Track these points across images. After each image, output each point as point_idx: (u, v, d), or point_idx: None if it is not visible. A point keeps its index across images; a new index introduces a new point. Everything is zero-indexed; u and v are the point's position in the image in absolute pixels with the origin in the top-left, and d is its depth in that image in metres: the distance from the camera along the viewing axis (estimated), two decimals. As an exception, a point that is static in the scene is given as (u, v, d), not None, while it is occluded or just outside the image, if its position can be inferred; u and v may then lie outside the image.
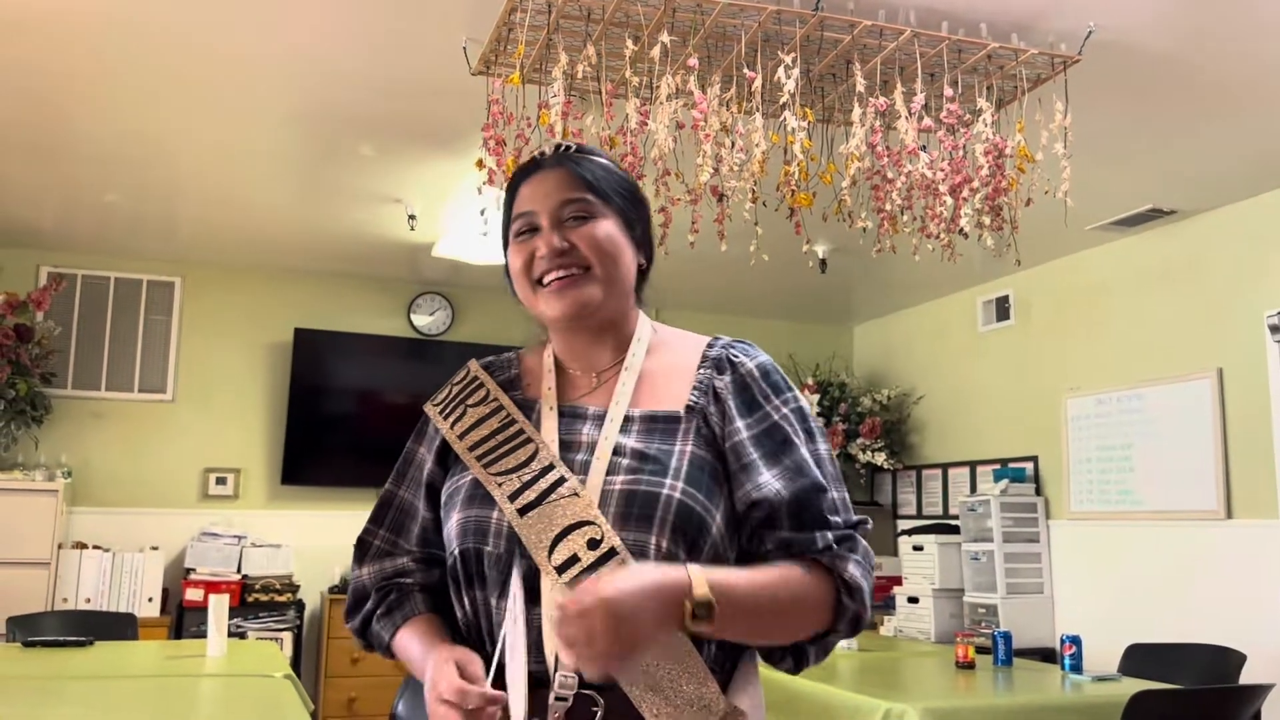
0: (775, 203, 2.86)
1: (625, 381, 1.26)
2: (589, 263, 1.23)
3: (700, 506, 1.15)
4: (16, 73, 3.14)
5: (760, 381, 1.25)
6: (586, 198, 1.25)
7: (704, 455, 1.19)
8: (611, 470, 1.17)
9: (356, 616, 1.31)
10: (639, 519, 1.13)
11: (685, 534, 1.13)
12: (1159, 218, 4.37)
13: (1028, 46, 2.76)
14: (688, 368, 1.27)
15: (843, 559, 1.17)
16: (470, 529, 1.18)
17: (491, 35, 2.66)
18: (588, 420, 1.24)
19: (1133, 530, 4.52)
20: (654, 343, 1.31)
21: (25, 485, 4.58)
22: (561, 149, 1.29)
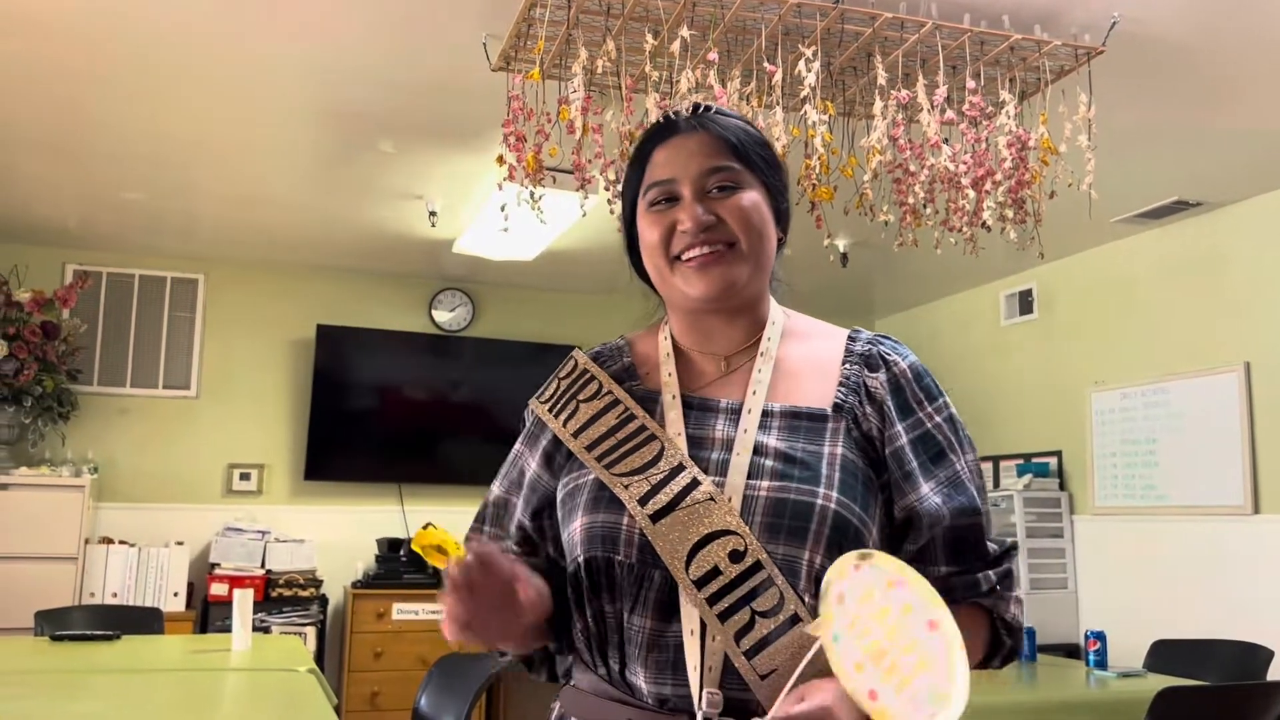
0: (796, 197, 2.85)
1: (762, 370, 1.13)
2: (735, 238, 1.10)
3: (856, 519, 1.04)
4: (41, 73, 3.17)
5: (914, 384, 1.14)
6: (733, 165, 1.12)
7: (855, 460, 1.08)
8: (754, 473, 1.05)
9: None
10: (790, 531, 1.01)
11: (841, 550, 1.00)
12: (1184, 210, 4.32)
13: (1051, 38, 2.74)
14: (830, 361, 1.15)
15: (1004, 601, 1.09)
16: (599, 535, 1.07)
17: (511, 31, 2.66)
18: (719, 414, 1.11)
19: (1158, 525, 4.48)
20: (788, 329, 1.19)
21: (53, 481, 4.63)
22: (700, 109, 1.17)
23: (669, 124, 1.16)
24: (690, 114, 1.16)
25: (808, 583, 1.00)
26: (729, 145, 1.13)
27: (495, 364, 5.58)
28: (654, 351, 1.20)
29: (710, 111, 1.16)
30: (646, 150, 1.17)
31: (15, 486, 4.53)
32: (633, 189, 1.18)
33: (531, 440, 1.21)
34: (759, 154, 1.15)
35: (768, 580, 1.00)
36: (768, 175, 1.15)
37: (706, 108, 1.17)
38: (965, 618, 1.02)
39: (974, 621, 1.08)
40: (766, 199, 1.14)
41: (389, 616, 4.98)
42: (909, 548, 1.07)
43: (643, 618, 1.04)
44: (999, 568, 1.09)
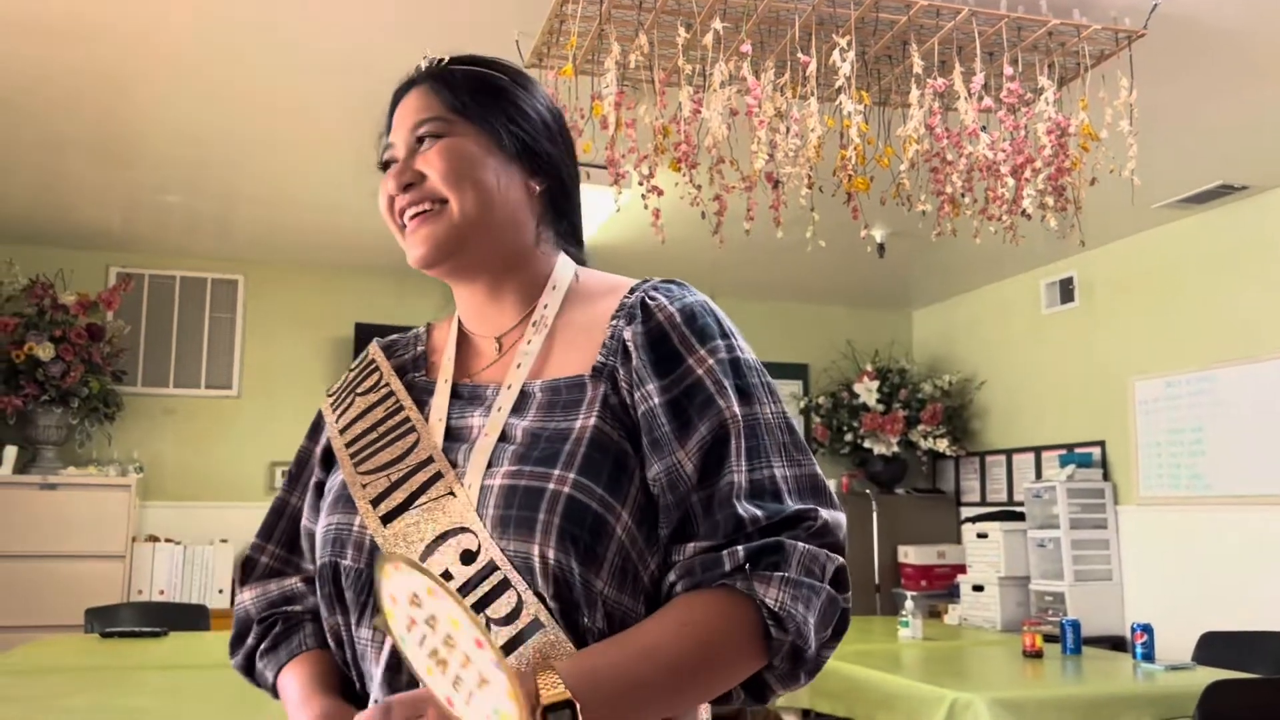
0: (832, 188, 2.83)
1: (531, 341, 0.99)
2: (441, 194, 0.98)
3: (597, 502, 0.87)
4: (84, 80, 3.22)
5: (682, 327, 0.95)
6: (443, 116, 1.00)
7: (608, 433, 0.91)
8: (494, 461, 0.91)
9: (239, 652, 1.05)
10: (519, 523, 0.86)
11: (577, 540, 0.86)
12: (1229, 194, 4.24)
13: (1090, 22, 2.70)
14: (601, 320, 0.99)
15: (763, 580, 0.85)
16: (330, 539, 0.96)
17: (544, 28, 2.66)
18: (485, 400, 0.99)
19: (1205, 515, 4.41)
20: (575, 292, 1.03)
21: (100, 481, 4.71)
22: (435, 62, 1.04)
23: (408, 81, 1.05)
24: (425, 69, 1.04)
25: (545, 581, 0.85)
26: (445, 95, 1.01)
27: (532, 360, 5.58)
28: (444, 337, 1.09)
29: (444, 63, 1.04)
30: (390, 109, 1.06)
31: (64, 486, 4.62)
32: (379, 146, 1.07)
33: (315, 435, 1.09)
34: (482, 98, 1.01)
35: (503, 583, 0.85)
36: (499, 117, 1.00)
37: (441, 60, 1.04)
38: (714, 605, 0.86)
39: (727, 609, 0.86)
40: (492, 143, 0.99)
41: (430, 612, 5.01)
42: (662, 530, 0.90)
43: (370, 629, 0.92)
44: (754, 541, 0.86)
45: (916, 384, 5.91)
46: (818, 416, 5.99)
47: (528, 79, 1.07)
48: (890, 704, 2.90)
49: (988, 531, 5.15)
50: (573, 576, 0.86)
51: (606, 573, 0.87)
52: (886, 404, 5.80)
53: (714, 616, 0.86)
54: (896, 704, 2.87)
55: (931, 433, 5.74)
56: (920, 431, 5.76)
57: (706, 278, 5.75)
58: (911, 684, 2.87)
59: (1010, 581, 4.98)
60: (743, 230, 2.83)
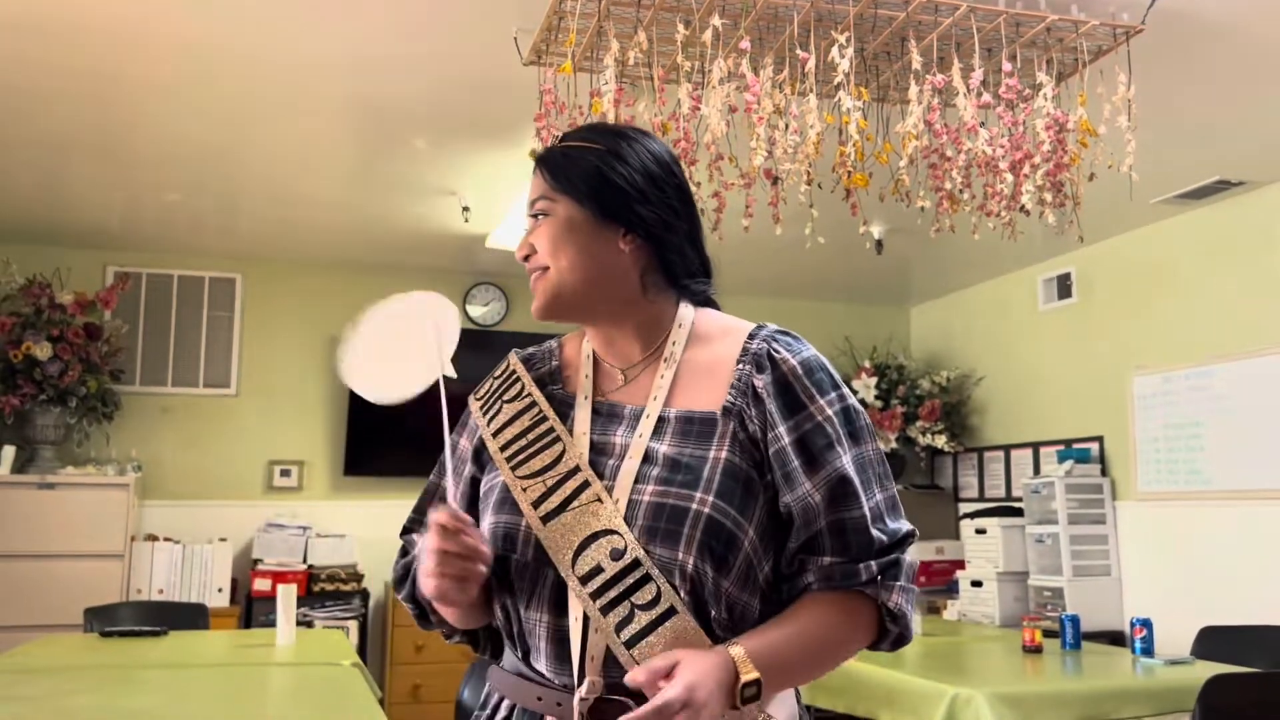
0: (831, 184, 2.83)
1: (663, 376, 1.20)
2: (544, 263, 1.21)
3: (731, 521, 1.09)
4: (82, 79, 3.21)
5: (804, 379, 1.16)
6: (547, 195, 1.22)
7: (738, 463, 1.12)
8: (641, 479, 1.12)
9: (405, 582, 1.30)
10: (666, 534, 1.08)
11: (714, 551, 1.08)
12: (1227, 189, 4.24)
13: (1088, 18, 2.69)
14: (726, 362, 1.19)
15: (887, 589, 1.13)
16: (500, 535, 1.15)
17: (542, 25, 2.66)
18: (623, 420, 1.19)
19: (1203, 510, 4.41)
20: (695, 332, 1.23)
21: (98, 480, 4.70)
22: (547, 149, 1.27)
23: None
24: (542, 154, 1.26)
25: (682, 580, 1.08)
26: (545, 176, 1.22)
27: (530, 358, 5.59)
28: (577, 356, 1.28)
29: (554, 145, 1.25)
30: None
31: (62, 486, 4.61)
32: None
33: (469, 433, 1.30)
34: (574, 172, 1.20)
35: (645, 576, 1.07)
36: (591, 189, 1.19)
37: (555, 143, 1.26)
38: (845, 605, 1.13)
39: (854, 609, 1.13)
40: (589, 215, 1.19)
41: (429, 610, 5.01)
42: (791, 545, 1.13)
43: (538, 611, 1.13)
44: (884, 558, 1.12)
45: (914, 380, 5.92)
46: (816, 413, 5.98)
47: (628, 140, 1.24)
48: (891, 699, 2.91)
49: (986, 527, 5.16)
50: (706, 579, 1.08)
51: (733, 576, 1.10)
52: (884, 400, 5.81)
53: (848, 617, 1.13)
54: (897, 699, 2.88)
55: (930, 429, 5.74)
56: (918, 428, 5.76)
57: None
58: (912, 679, 2.87)
59: (1009, 577, 4.99)
60: (741, 227, 2.83)
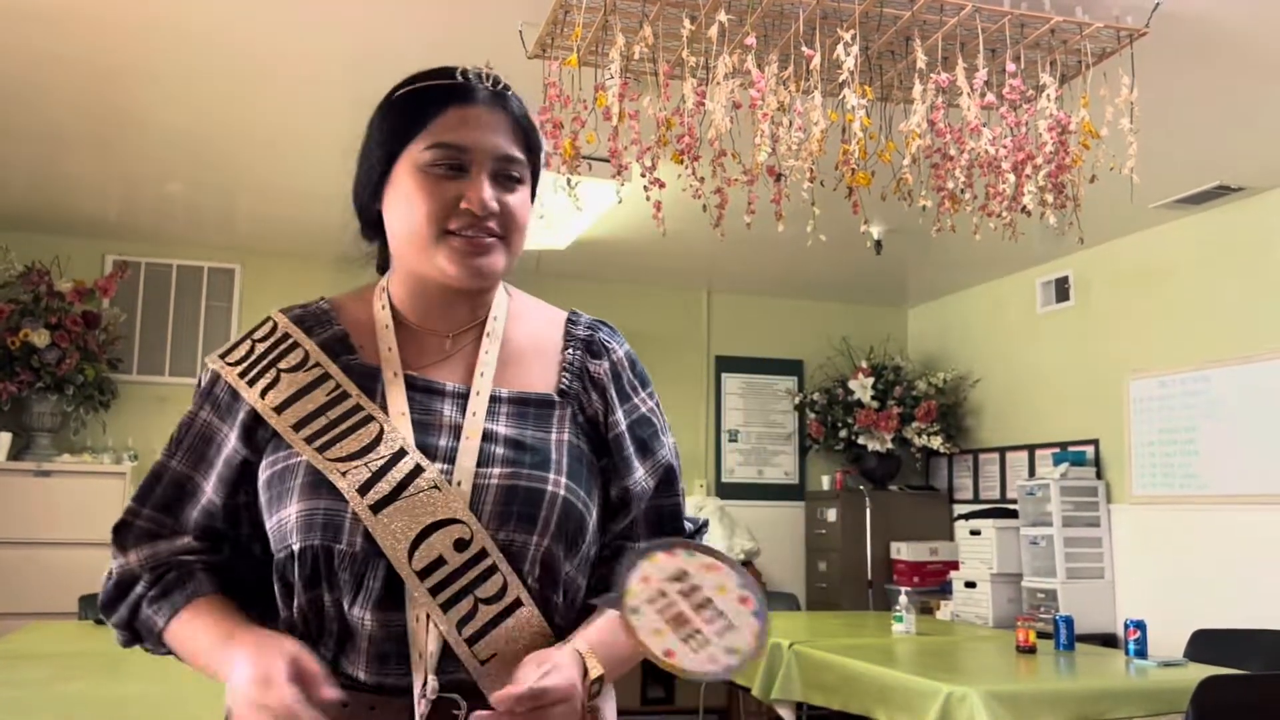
0: (833, 182, 2.83)
1: (489, 352, 1.11)
2: (504, 232, 1.07)
3: (581, 504, 1.06)
4: (83, 66, 3.21)
5: (629, 371, 1.17)
6: (520, 158, 1.08)
7: (581, 446, 1.09)
8: (484, 460, 1.03)
9: (121, 606, 1.08)
10: (521, 518, 1.01)
11: (568, 534, 1.04)
12: (1226, 195, 4.26)
13: (1092, 20, 2.70)
14: (551, 344, 1.15)
15: None
16: (318, 524, 1.00)
17: (548, 18, 2.66)
18: (445, 397, 1.07)
19: (1198, 514, 4.43)
20: (511, 309, 1.16)
21: (94, 468, 4.70)
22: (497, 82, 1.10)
23: (467, 87, 1.08)
24: (491, 85, 1.09)
25: (532, 567, 1.02)
26: (523, 135, 1.10)
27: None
28: (368, 319, 1.13)
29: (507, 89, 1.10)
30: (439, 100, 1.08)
31: (58, 473, 4.61)
32: (408, 132, 1.08)
33: (224, 410, 1.08)
34: (539, 149, 1.13)
35: (492, 567, 1.00)
36: (537, 172, 1.13)
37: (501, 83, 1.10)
38: None
39: None
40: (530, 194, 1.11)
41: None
42: (615, 526, 1.12)
43: (363, 608, 1.00)
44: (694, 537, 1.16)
45: (911, 381, 5.93)
46: (812, 412, 6.00)
47: None
48: (886, 697, 2.91)
49: (981, 528, 5.18)
50: (558, 564, 1.04)
51: (578, 560, 1.07)
52: (881, 401, 5.82)
53: None
54: (892, 697, 2.89)
55: (926, 430, 5.75)
56: (914, 428, 5.77)
57: (704, 271, 5.76)
58: (906, 677, 2.88)
59: (1002, 578, 5.00)
60: (742, 224, 2.84)
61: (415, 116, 1.08)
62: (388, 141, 1.10)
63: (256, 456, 1.06)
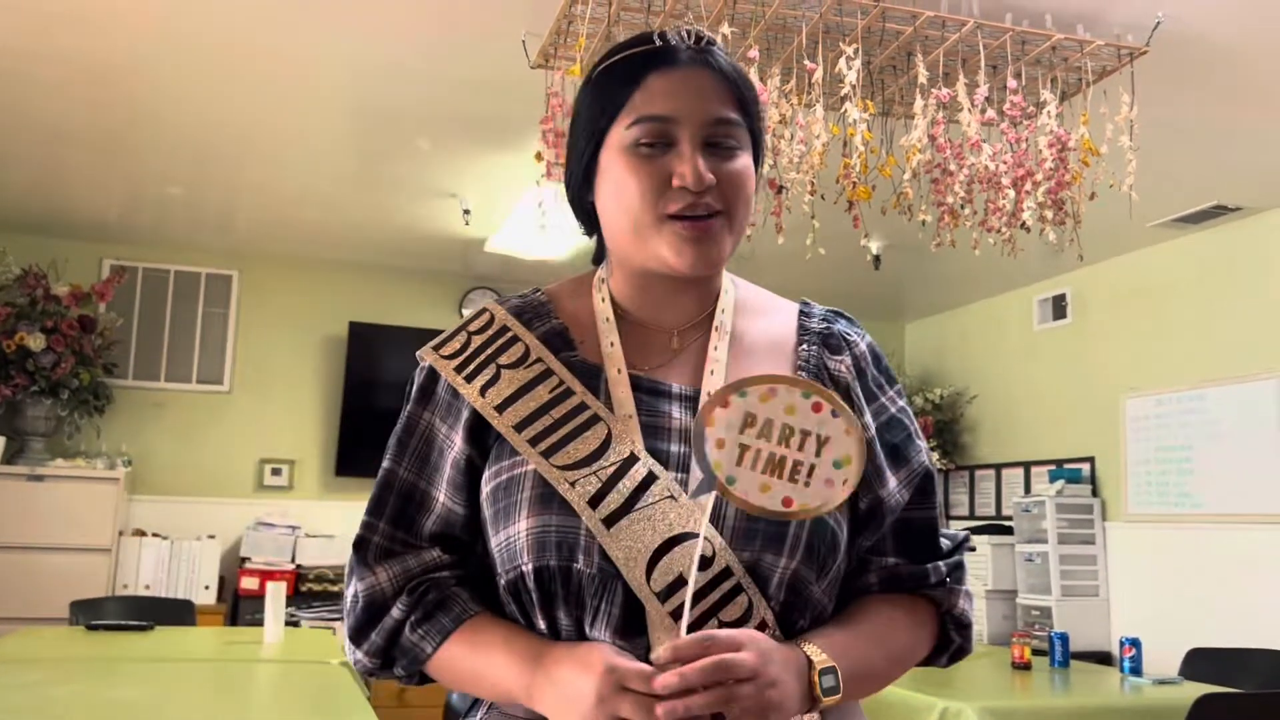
0: (834, 196, 2.84)
1: (718, 348, 0.99)
2: (730, 207, 0.95)
3: (834, 520, 0.94)
4: (83, 70, 3.21)
5: (874, 367, 1.05)
6: (737, 119, 0.96)
7: None
8: None
9: (374, 632, 0.97)
10: (767, 536, 0.90)
11: (819, 554, 0.93)
12: (1223, 214, 4.27)
13: (1093, 38, 2.72)
14: (785, 339, 1.04)
15: (954, 593, 1.03)
16: (551, 542, 0.91)
17: (551, 29, 2.67)
18: (673, 399, 0.97)
19: (1193, 533, 4.43)
20: (739, 301, 1.05)
21: (88, 473, 4.68)
22: (704, 41, 0.98)
23: (668, 49, 0.97)
24: (694, 44, 0.97)
25: (778, 590, 0.91)
26: (735, 94, 0.97)
27: (525, 363, 5.59)
28: (588, 315, 1.02)
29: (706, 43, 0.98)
30: (637, 70, 0.96)
31: (51, 478, 4.59)
32: (608, 112, 0.97)
33: (445, 409, 1.00)
34: (757, 109, 1.00)
35: (736, 588, 0.90)
36: (759, 136, 1.01)
37: (710, 40, 0.98)
38: (912, 608, 1.02)
39: (920, 613, 1.03)
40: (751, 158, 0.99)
41: (417, 613, 4.99)
42: (863, 542, 1.00)
43: (603, 632, 0.90)
44: (950, 559, 1.03)
45: (908, 396, 5.91)
46: (809, 427, 5.99)
47: None
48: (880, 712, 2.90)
49: (976, 544, 5.17)
50: (807, 587, 0.93)
51: (828, 582, 0.96)
52: (877, 416, 5.80)
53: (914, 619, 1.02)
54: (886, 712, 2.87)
55: (922, 445, 5.74)
56: (911, 444, 5.76)
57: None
58: (902, 692, 2.87)
59: (997, 595, 5.00)
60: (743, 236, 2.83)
61: (614, 94, 0.97)
62: (590, 125, 0.98)
63: (484, 460, 0.98)
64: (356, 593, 0.98)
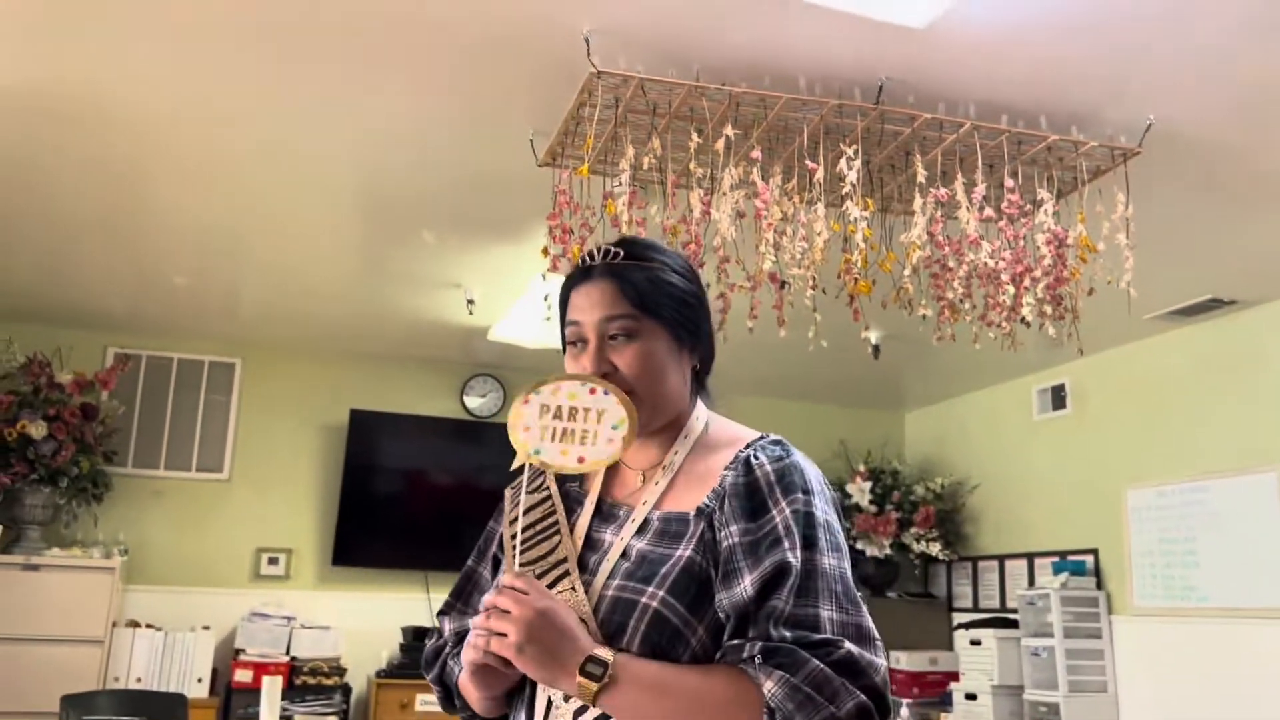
0: (835, 290, 2.88)
1: (659, 481, 1.26)
2: (630, 386, 1.22)
3: (678, 617, 1.12)
4: (91, 164, 3.27)
5: (774, 483, 1.17)
6: (632, 313, 1.24)
7: (699, 561, 1.15)
8: (613, 573, 1.19)
9: (434, 665, 1.36)
10: (617, 627, 1.13)
11: (657, 644, 1.11)
12: (1218, 308, 4.32)
13: (1087, 139, 2.78)
14: (717, 468, 1.23)
15: (766, 672, 1.04)
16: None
17: (559, 129, 2.73)
18: (619, 521, 1.26)
19: (1200, 627, 4.37)
20: (701, 441, 1.29)
21: (83, 562, 4.62)
22: (610, 255, 1.28)
23: (585, 269, 1.29)
24: (603, 259, 1.28)
25: None
26: (630, 296, 1.24)
27: (525, 451, 5.58)
28: None
29: (620, 258, 1.27)
30: (566, 290, 1.31)
31: (46, 568, 4.54)
32: (559, 319, 1.33)
33: (498, 517, 1.40)
34: (661, 300, 1.25)
35: None
36: (676, 316, 1.26)
37: (617, 253, 1.28)
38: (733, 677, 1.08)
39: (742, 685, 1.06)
40: (671, 341, 1.26)
41: (412, 708, 4.90)
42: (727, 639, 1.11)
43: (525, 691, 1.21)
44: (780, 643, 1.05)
45: (909, 486, 5.90)
46: (810, 516, 5.95)
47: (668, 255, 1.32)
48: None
49: (981, 638, 5.10)
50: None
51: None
52: (879, 505, 5.78)
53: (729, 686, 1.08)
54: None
55: (924, 536, 5.71)
56: (913, 534, 5.73)
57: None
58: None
59: (1004, 690, 4.91)
60: (744, 328, 2.87)
61: (561, 304, 1.32)
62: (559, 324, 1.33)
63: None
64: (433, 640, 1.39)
